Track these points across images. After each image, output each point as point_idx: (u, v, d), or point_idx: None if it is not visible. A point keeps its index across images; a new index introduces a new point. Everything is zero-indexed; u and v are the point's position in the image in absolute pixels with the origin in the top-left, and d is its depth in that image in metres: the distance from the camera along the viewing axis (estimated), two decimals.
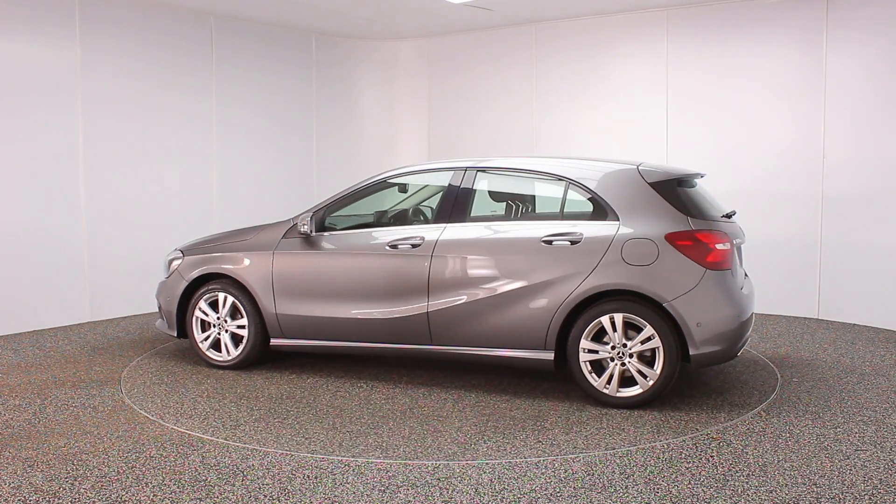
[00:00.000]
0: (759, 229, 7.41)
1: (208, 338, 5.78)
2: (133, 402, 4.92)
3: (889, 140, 6.96)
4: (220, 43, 8.43)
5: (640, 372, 4.66)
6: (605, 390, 4.73)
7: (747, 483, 3.62)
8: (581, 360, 4.77)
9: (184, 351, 6.26)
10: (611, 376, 4.71)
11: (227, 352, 5.73)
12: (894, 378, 5.41)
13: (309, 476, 3.73)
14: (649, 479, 3.67)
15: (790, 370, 5.64)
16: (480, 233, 5.11)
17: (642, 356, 4.68)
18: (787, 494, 3.49)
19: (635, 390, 4.69)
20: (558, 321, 4.79)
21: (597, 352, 4.74)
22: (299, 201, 8.41)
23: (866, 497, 3.45)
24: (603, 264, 4.70)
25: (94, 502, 3.43)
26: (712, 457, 3.95)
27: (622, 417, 4.57)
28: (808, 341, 6.57)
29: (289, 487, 3.59)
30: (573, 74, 8.68)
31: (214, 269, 5.73)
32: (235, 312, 5.71)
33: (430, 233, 5.19)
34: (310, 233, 5.46)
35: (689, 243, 4.63)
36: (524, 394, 5.07)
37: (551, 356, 4.84)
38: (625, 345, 4.68)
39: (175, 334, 5.92)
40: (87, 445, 4.13)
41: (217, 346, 5.79)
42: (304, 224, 5.46)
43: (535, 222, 5.07)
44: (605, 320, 4.70)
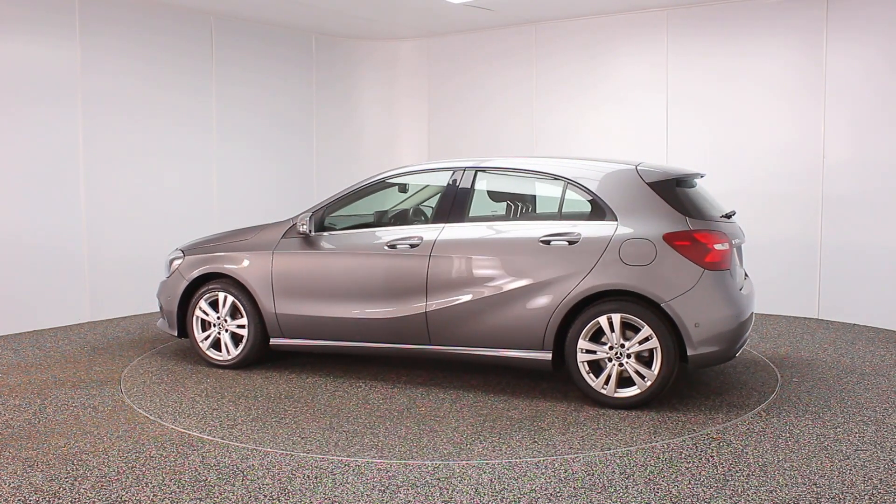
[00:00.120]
0: (759, 229, 7.41)
1: (208, 337, 5.78)
2: (133, 402, 4.92)
3: (889, 140, 6.96)
4: (220, 43, 8.44)
5: (637, 372, 4.65)
6: (603, 391, 4.73)
7: (747, 483, 3.62)
8: (579, 361, 4.76)
9: (184, 351, 6.26)
10: (609, 377, 4.71)
11: (227, 351, 5.73)
12: (894, 378, 5.41)
13: (309, 476, 3.73)
14: (649, 479, 3.67)
15: (790, 370, 5.64)
16: (479, 233, 5.10)
17: (640, 357, 4.67)
18: (787, 494, 3.49)
19: (633, 391, 4.68)
20: (556, 321, 4.78)
21: (595, 352, 4.73)
22: (299, 201, 8.41)
23: (866, 497, 3.45)
24: (601, 264, 4.70)
25: (94, 502, 3.43)
26: (712, 457, 3.95)
27: (620, 418, 4.56)
28: (808, 341, 6.57)
29: (289, 487, 3.59)
30: (573, 74, 8.68)
31: (215, 269, 5.74)
32: (235, 312, 5.71)
33: (428, 233, 5.19)
34: (309, 233, 5.47)
35: (688, 243, 4.62)
36: (522, 394, 5.07)
37: (549, 356, 4.84)
38: (623, 345, 4.67)
39: (176, 334, 5.93)
40: (87, 445, 4.14)
41: (217, 345, 5.80)
42: (303, 224, 5.46)
43: (534, 222, 5.07)
44: (603, 320, 4.69)
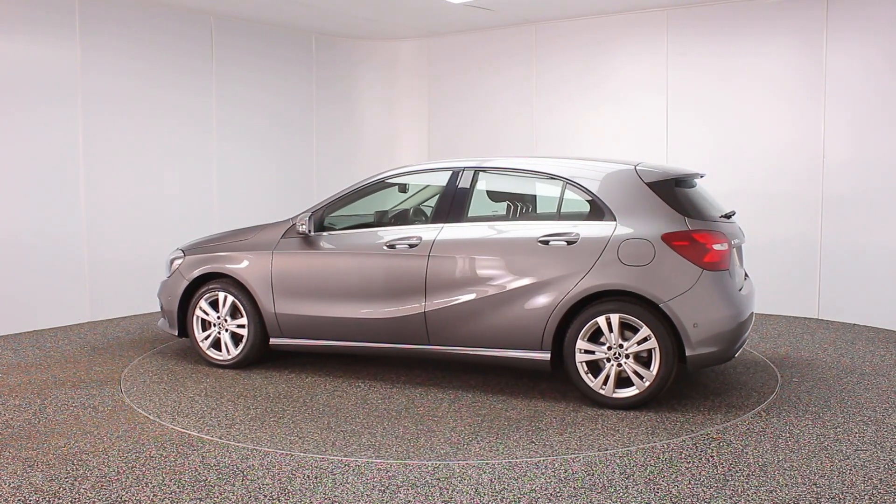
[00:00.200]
0: (759, 229, 7.41)
1: (209, 337, 5.79)
2: (133, 402, 4.92)
3: (889, 140, 6.96)
4: (220, 43, 8.44)
5: (636, 373, 4.64)
6: (602, 391, 4.72)
7: (747, 483, 3.62)
8: (577, 361, 4.76)
9: (184, 351, 6.26)
10: (607, 377, 4.70)
11: (228, 351, 5.73)
12: (894, 378, 5.41)
13: (309, 476, 3.73)
14: (649, 479, 3.67)
15: (790, 370, 5.64)
16: (477, 233, 5.10)
17: (639, 357, 4.66)
18: (787, 494, 3.49)
19: (632, 391, 4.67)
20: (555, 321, 4.77)
21: (593, 352, 4.72)
22: (299, 201, 8.41)
23: (866, 497, 3.45)
24: (599, 264, 4.69)
25: (94, 502, 3.43)
26: (712, 457, 3.95)
27: (618, 418, 4.56)
28: (808, 341, 6.57)
29: (289, 487, 3.59)
30: (573, 74, 8.68)
31: (215, 269, 5.74)
32: (235, 312, 5.71)
33: (427, 233, 5.18)
34: (308, 232, 5.47)
35: (686, 243, 4.61)
36: (521, 394, 5.07)
37: (548, 356, 4.83)
38: (621, 345, 4.66)
39: (176, 333, 5.93)
40: (87, 445, 4.14)
41: (217, 345, 5.80)
42: (302, 224, 5.46)
43: (533, 222, 5.06)
44: (602, 321, 4.69)
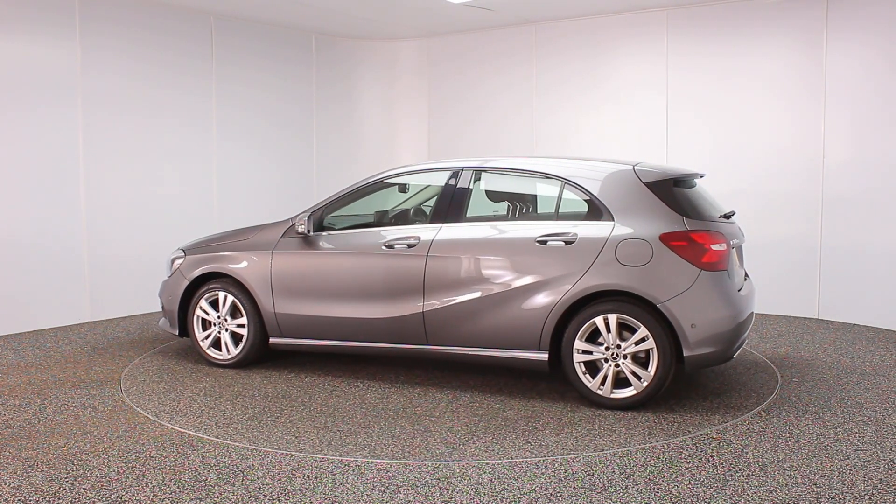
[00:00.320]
0: (759, 229, 7.41)
1: (209, 336, 5.79)
2: (133, 402, 4.92)
3: (889, 140, 6.96)
4: (220, 43, 8.44)
5: (634, 373, 4.64)
6: (600, 391, 4.71)
7: (747, 483, 3.62)
8: (575, 361, 4.75)
9: (184, 351, 6.26)
10: (605, 377, 4.69)
11: (228, 350, 5.74)
12: (894, 378, 5.41)
13: (309, 476, 3.73)
14: (649, 479, 3.67)
15: (790, 370, 5.64)
16: (476, 233, 5.09)
17: (637, 357, 4.65)
18: (787, 494, 3.49)
19: (629, 392, 4.66)
20: (552, 321, 4.77)
21: (591, 353, 4.72)
22: (299, 201, 8.41)
23: (866, 497, 3.45)
24: (597, 265, 4.68)
25: (94, 502, 3.43)
26: (712, 457, 3.95)
27: (615, 419, 4.55)
28: (808, 341, 6.57)
29: (289, 487, 3.59)
30: (573, 74, 8.68)
31: (215, 269, 5.74)
32: (235, 311, 5.71)
33: (425, 233, 5.18)
34: (307, 233, 5.47)
35: (684, 244, 4.60)
36: (519, 394, 5.07)
37: (545, 357, 4.82)
38: (619, 346, 4.65)
39: (177, 333, 5.93)
40: (87, 445, 4.14)
41: (217, 344, 5.80)
42: (301, 224, 5.47)
43: (531, 222, 5.06)
44: (599, 321, 4.68)
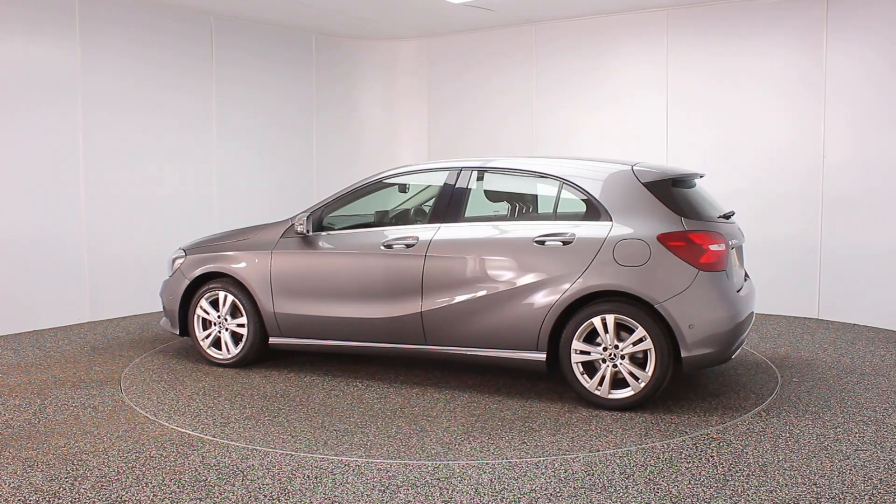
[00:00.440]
0: (759, 229, 7.41)
1: (209, 336, 5.79)
2: (133, 402, 4.92)
3: (889, 140, 6.96)
4: (220, 43, 8.44)
5: (631, 374, 4.62)
6: (597, 392, 4.70)
7: (747, 483, 3.62)
8: (573, 362, 4.74)
9: (184, 350, 6.26)
10: (602, 378, 4.68)
11: (228, 350, 5.74)
12: (894, 378, 5.41)
13: (309, 476, 3.73)
14: (649, 479, 3.67)
15: (790, 370, 5.64)
16: (474, 233, 5.09)
17: (634, 358, 4.65)
18: (787, 494, 3.49)
19: (627, 392, 4.65)
20: (550, 322, 4.76)
21: (589, 353, 4.71)
22: (299, 201, 8.41)
23: (866, 497, 3.45)
24: (595, 265, 4.68)
25: (94, 502, 3.43)
26: (712, 457, 3.95)
27: (612, 420, 4.54)
28: (808, 341, 6.57)
29: (289, 487, 3.59)
30: (573, 74, 8.68)
31: (215, 268, 5.74)
32: (236, 311, 5.72)
33: (424, 233, 5.18)
34: (306, 233, 5.47)
35: (682, 244, 4.59)
36: (517, 395, 5.06)
37: (543, 357, 4.82)
38: (617, 346, 4.65)
39: (178, 332, 5.93)
40: (87, 445, 4.14)
41: (218, 344, 5.80)
42: (300, 224, 5.47)
43: (529, 222, 5.05)
44: (597, 321, 4.67)
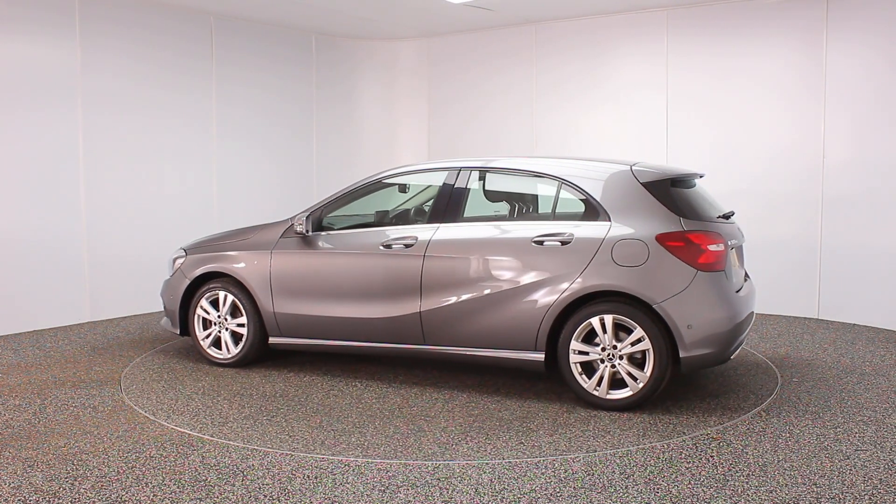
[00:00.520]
0: (759, 229, 7.41)
1: (209, 336, 5.80)
2: (133, 402, 4.92)
3: (889, 140, 6.96)
4: (220, 43, 8.43)
5: (630, 374, 4.62)
6: (596, 392, 4.69)
7: (747, 483, 3.62)
8: (571, 362, 4.73)
9: (184, 350, 6.26)
10: (601, 378, 4.67)
11: (228, 350, 5.74)
12: (894, 378, 5.41)
13: (309, 476, 3.73)
14: (649, 479, 3.67)
15: (790, 370, 5.64)
16: (473, 233, 5.09)
17: (633, 358, 4.64)
18: (787, 494, 3.49)
19: (625, 392, 4.64)
20: (549, 322, 4.76)
21: (587, 353, 4.70)
22: (299, 201, 8.41)
23: (866, 497, 3.45)
24: (593, 265, 4.67)
25: (94, 502, 3.43)
26: (712, 457, 3.95)
27: (610, 420, 4.54)
28: (808, 341, 6.57)
29: (289, 487, 3.59)
30: (573, 74, 8.68)
31: (215, 268, 5.74)
32: (236, 311, 5.72)
33: (423, 233, 5.18)
34: (305, 232, 5.47)
35: (681, 244, 4.58)
36: (516, 395, 5.06)
37: (542, 357, 4.81)
38: (615, 346, 4.64)
39: (178, 332, 5.94)
40: (87, 445, 4.14)
41: (218, 343, 5.81)
42: (299, 224, 5.47)
43: (528, 222, 5.05)
44: (596, 321, 4.66)
